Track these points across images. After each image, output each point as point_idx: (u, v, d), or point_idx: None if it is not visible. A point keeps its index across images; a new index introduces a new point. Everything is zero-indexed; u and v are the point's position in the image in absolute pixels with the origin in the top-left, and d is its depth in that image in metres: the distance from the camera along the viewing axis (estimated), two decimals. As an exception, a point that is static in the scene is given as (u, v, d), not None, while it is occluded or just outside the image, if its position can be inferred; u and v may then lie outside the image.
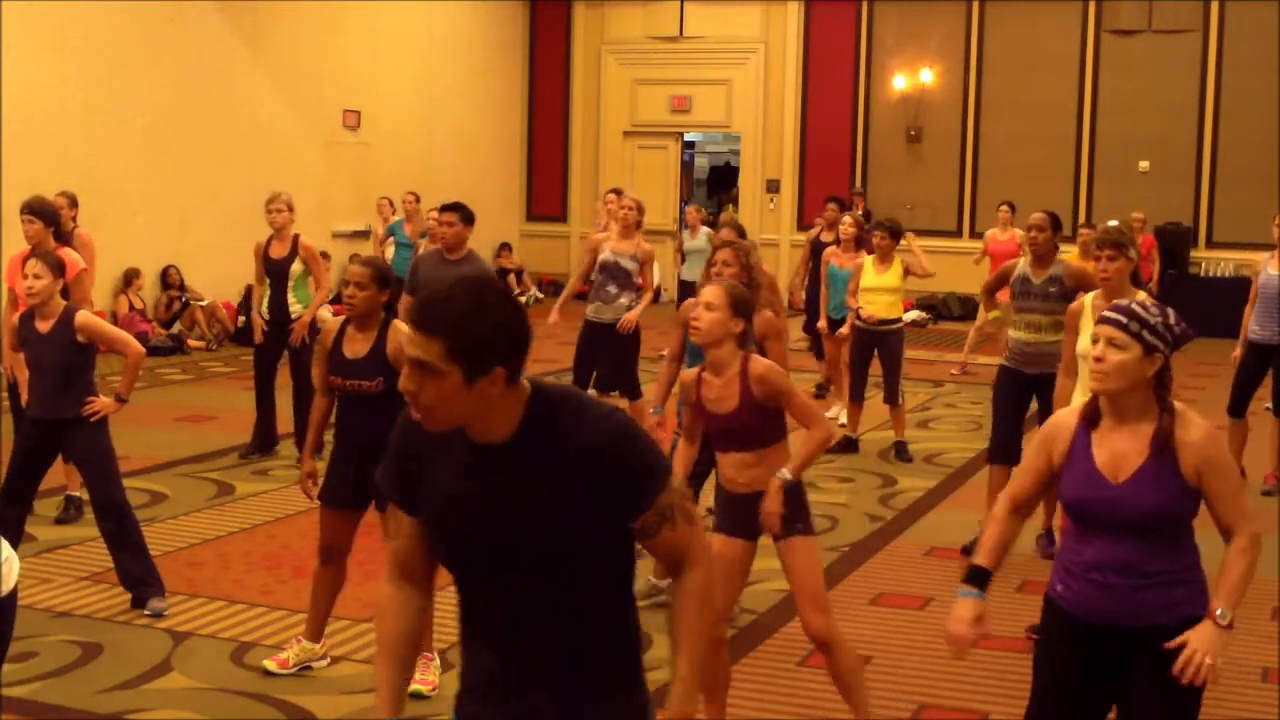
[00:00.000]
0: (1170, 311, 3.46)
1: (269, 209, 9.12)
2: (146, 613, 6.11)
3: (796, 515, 4.60)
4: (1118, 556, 3.42)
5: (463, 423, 2.52)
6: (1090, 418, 3.50)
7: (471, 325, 2.44)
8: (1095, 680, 3.53)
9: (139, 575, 6.20)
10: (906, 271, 9.76)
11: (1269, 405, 11.94)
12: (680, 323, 6.22)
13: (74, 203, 9.80)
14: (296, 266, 9.10)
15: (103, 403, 6.13)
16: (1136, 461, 3.41)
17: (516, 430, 2.52)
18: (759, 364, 4.64)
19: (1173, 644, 3.36)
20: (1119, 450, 3.43)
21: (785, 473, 4.58)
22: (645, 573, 6.56)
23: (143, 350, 6.38)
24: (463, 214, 7.86)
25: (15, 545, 6.34)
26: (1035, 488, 3.63)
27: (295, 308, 9.12)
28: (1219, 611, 3.36)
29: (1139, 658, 3.45)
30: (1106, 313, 3.45)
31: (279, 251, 9.10)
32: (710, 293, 4.67)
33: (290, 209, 9.11)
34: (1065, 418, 3.59)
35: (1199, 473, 3.39)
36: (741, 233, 8.48)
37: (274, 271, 9.15)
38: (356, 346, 5.30)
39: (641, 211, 9.22)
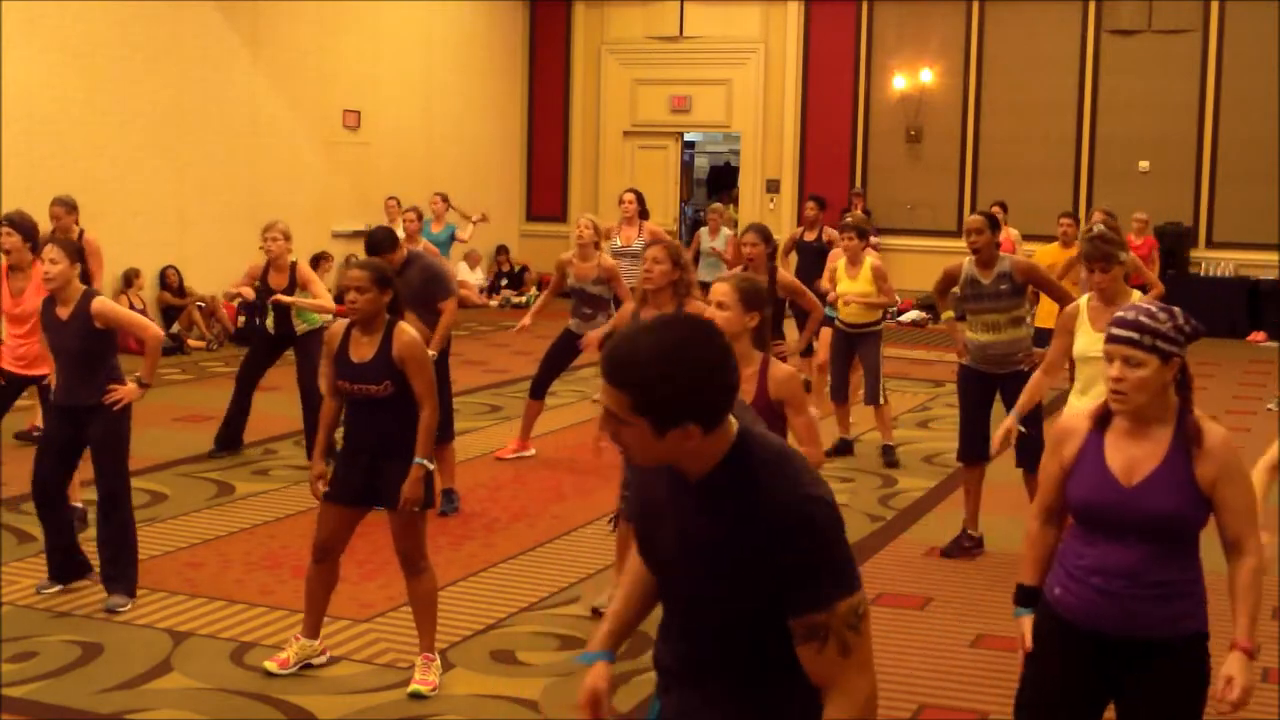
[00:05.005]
0: (1176, 311, 3.39)
1: (265, 238, 9.00)
2: (105, 607, 6.15)
3: None
4: (1124, 562, 3.36)
5: (665, 462, 2.46)
6: (1102, 422, 3.45)
7: (658, 380, 2.32)
8: (1090, 685, 3.49)
9: (112, 572, 6.23)
10: (876, 275, 9.48)
11: (1270, 405, 11.98)
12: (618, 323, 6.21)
13: (71, 208, 9.71)
14: (298, 294, 9.05)
15: (125, 390, 6.20)
16: (1150, 465, 3.35)
17: (709, 474, 2.43)
18: (781, 369, 4.64)
19: (1221, 686, 3.33)
20: (1133, 454, 3.36)
21: None
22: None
23: (161, 334, 6.45)
24: (385, 248, 7.56)
25: (71, 547, 6.38)
26: (1058, 493, 3.55)
27: (301, 327, 9.08)
28: (1251, 645, 3.31)
29: (1138, 668, 3.40)
30: (1115, 330, 3.35)
31: (278, 282, 8.99)
32: (720, 290, 4.65)
33: (287, 238, 8.99)
34: (1075, 421, 3.53)
35: (1215, 481, 3.32)
36: (766, 235, 8.34)
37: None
38: (362, 350, 5.29)
39: (597, 230, 9.20)
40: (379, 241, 7.73)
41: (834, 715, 2.41)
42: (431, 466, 5.30)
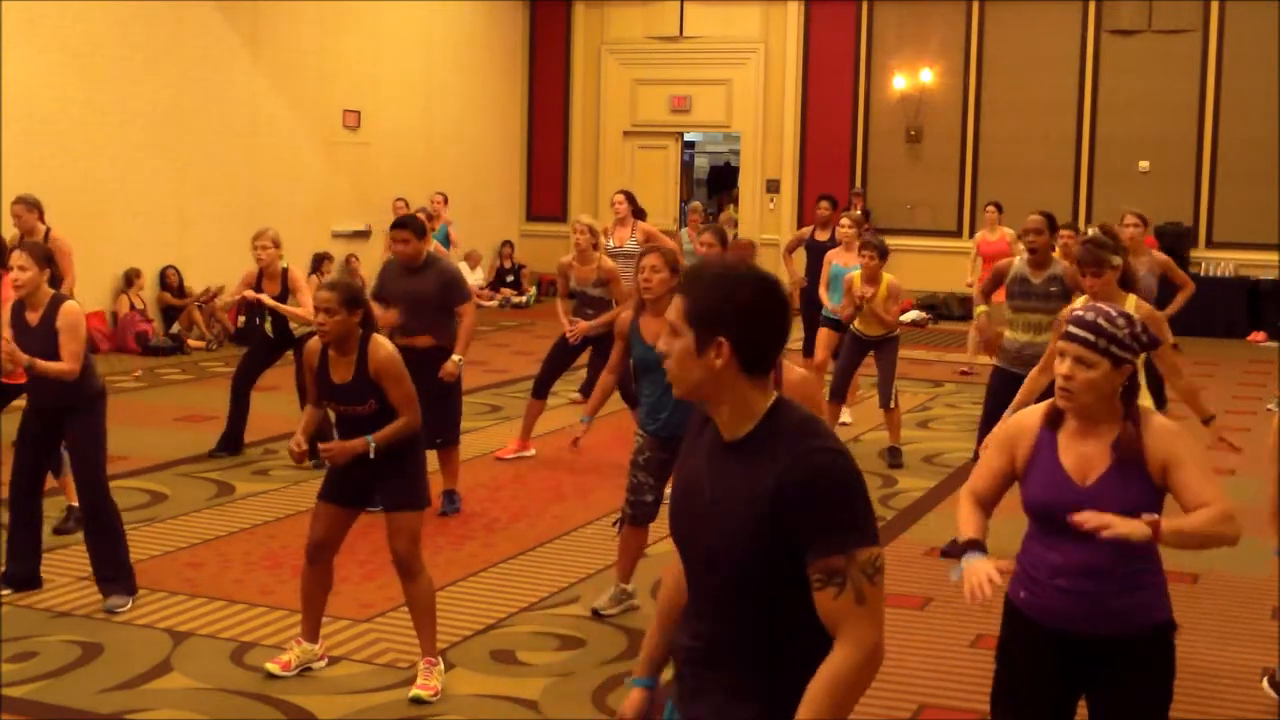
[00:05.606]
0: (1135, 319, 3.39)
1: (255, 245, 8.98)
2: (104, 609, 6.14)
3: None
4: (1085, 561, 3.37)
5: (704, 398, 2.58)
6: (1053, 421, 3.46)
7: (709, 291, 2.52)
8: (1059, 684, 3.51)
9: (106, 574, 6.23)
10: (891, 294, 9.37)
11: (1271, 406, 11.98)
12: (622, 335, 6.21)
13: (32, 206, 9.61)
14: (290, 300, 9.04)
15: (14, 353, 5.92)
16: (1103, 464, 3.37)
17: (747, 434, 2.55)
18: (795, 372, 4.61)
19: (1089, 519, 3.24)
20: (1085, 453, 3.39)
21: None
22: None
23: (71, 374, 6.06)
24: (415, 229, 7.84)
25: (35, 558, 6.39)
26: (995, 487, 3.60)
27: (299, 329, 9.09)
28: (1153, 517, 3.25)
29: (1106, 663, 3.43)
30: (1072, 329, 3.36)
31: (271, 289, 8.98)
32: None
33: (276, 245, 8.97)
34: (1028, 419, 3.53)
35: (1163, 467, 3.35)
36: (723, 238, 8.44)
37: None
38: (342, 372, 5.28)
39: (594, 233, 9.23)
40: (411, 221, 7.95)
41: (841, 658, 2.48)
42: (374, 447, 5.21)
